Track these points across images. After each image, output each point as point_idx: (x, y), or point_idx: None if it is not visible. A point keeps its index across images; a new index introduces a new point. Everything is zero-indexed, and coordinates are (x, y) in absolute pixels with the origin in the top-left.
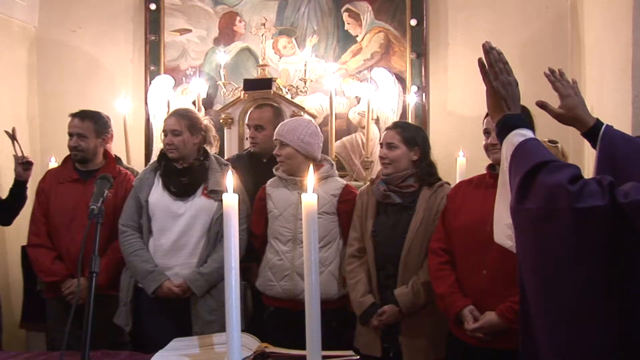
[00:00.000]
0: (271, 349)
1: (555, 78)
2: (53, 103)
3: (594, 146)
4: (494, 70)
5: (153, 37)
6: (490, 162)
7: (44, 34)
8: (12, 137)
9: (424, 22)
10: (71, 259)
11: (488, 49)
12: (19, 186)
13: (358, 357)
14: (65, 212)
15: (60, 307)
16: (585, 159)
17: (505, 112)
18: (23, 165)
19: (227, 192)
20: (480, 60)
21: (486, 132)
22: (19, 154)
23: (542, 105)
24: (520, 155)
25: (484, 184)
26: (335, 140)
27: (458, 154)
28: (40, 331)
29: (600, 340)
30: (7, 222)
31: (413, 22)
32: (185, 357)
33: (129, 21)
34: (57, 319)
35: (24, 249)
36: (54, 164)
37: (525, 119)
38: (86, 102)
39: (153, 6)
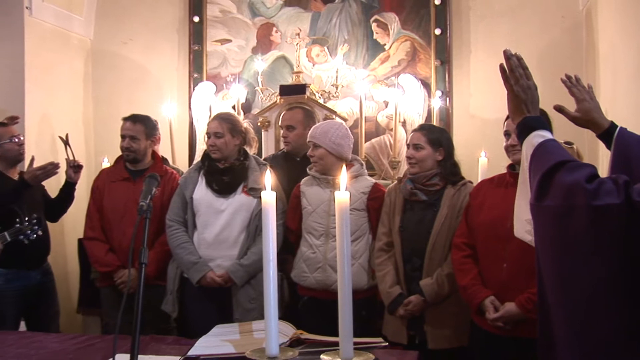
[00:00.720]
0: (306, 335)
1: (572, 83)
2: (106, 108)
3: (608, 147)
4: (515, 75)
5: (196, 47)
6: (510, 162)
7: (98, 45)
8: (65, 142)
9: (448, 32)
10: (122, 251)
11: (509, 55)
12: (69, 187)
13: (386, 343)
14: (117, 208)
15: (112, 294)
16: (600, 159)
17: (525, 114)
18: (73, 168)
19: (265, 190)
20: (501, 66)
21: (506, 134)
22: (71, 158)
23: (559, 109)
24: (539, 155)
25: (504, 183)
26: (365, 142)
27: (480, 154)
28: (95, 316)
29: (615, 331)
30: (54, 219)
31: (437, 32)
32: (226, 342)
33: (174, 33)
34: (110, 305)
35: (80, 241)
36: (106, 164)
37: (544, 121)
38: (136, 107)
39: (196, 19)
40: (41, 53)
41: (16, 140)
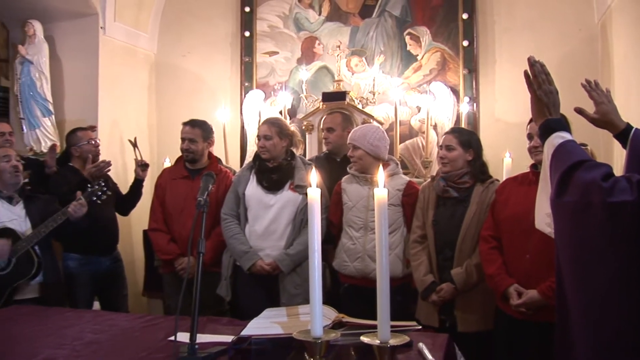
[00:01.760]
0: (347, 319)
1: (591, 88)
2: (167, 114)
3: (624, 147)
4: (538, 80)
5: (247, 59)
6: (532, 162)
7: (161, 59)
8: (134, 144)
9: (474, 43)
10: (182, 241)
11: (532, 62)
12: (137, 183)
13: (420, 327)
14: (177, 203)
15: (173, 280)
16: (615, 159)
17: (547, 117)
18: (141, 167)
19: (311, 187)
20: (525, 72)
21: (529, 136)
22: (139, 158)
23: (579, 111)
24: (560, 154)
25: (527, 181)
26: (399, 143)
27: (504, 155)
28: (157, 299)
29: (628, 320)
30: (126, 213)
31: (465, 43)
32: (275, 324)
33: (227, 46)
34: (171, 289)
35: (145, 232)
36: (168, 163)
37: (564, 123)
38: (194, 113)
39: (247, 33)
40: (112, 66)
41: (93, 142)
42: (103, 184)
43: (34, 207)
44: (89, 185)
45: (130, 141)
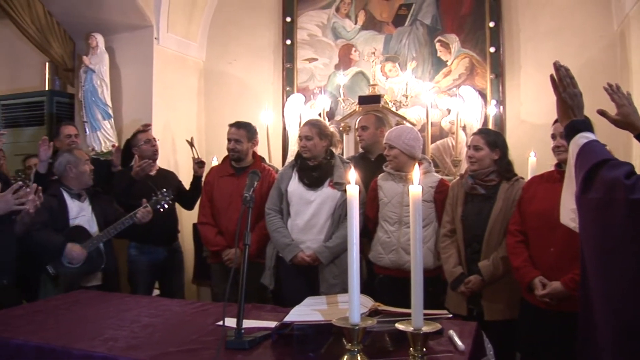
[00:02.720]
0: (382, 307)
1: (613, 91)
2: (215, 116)
3: None
4: (563, 84)
5: (288, 65)
6: (556, 161)
7: (209, 66)
8: (191, 144)
9: (501, 50)
10: (229, 234)
11: (558, 67)
12: (196, 180)
13: (451, 315)
14: (224, 198)
15: (220, 269)
16: (633, 159)
17: (572, 118)
18: (198, 164)
19: (350, 184)
20: (551, 76)
21: (553, 137)
22: (196, 157)
23: (602, 112)
24: (584, 153)
25: (552, 179)
26: (431, 143)
27: (529, 154)
28: (206, 287)
29: None
30: (190, 207)
31: (492, 50)
32: (316, 311)
33: (270, 54)
34: (218, 278)
35: (194, 226)
36: (215, 162)
37: (588, 124)
38: (239, 116)
39: (288, 42)
40: (165, 73)
41: (150, 142)
42: (166, 193)
43: (98, 205)
44: (153, 193)
45: (187, 141)
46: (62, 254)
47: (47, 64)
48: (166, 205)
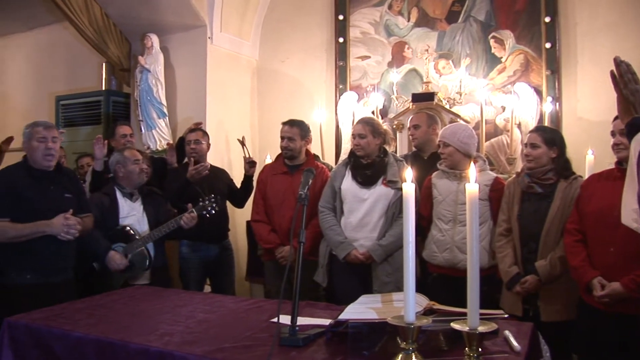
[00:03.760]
0: (437, 306)
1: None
2: (268, 115)
3: None
4: (624, 80)
5: (341, 63)
6: (616, 159)
7: (262, 64)
8: (242, 143)
9: (557, 45)
10: (282, 232)
11: (618, 62)
12: (247, 179)
13: (507, 315)
14: (277, 196)
15: (273, 267)
16: None
17: (633, 115)
18: (249, 164)
19: (405, 182)
20: (612, 72)
21: (613, 134)
22: (247, 156)
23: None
24: None
25: (612, 177)
26: (485, 141)
27: (587, 152)
28: (259, 284)
29: None
30: (241, 205)
31: (547, 45)
32: (370, 309)
33: (323, 52)
34: (271, 275)
35: (248, 223)
36: (269, 160)
37: None
38: (292, 114)
39: (341, 39)
40: (218, 72)
41: (192, 145)
42: (213, 199)
43: (150, 204)
44: (200, 199)
45: (239, 140)
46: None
47: (104, 64)
48: (213, 212)
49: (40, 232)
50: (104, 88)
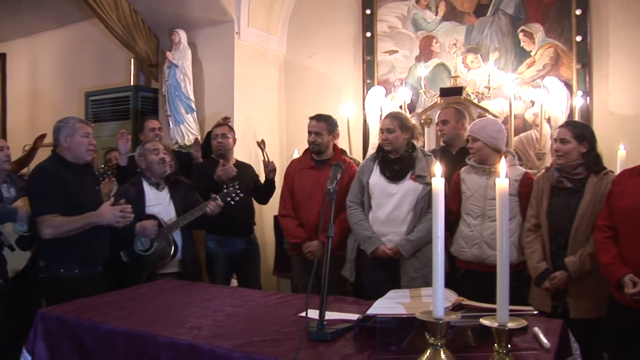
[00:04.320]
0: (466, 301)
1: None
2: (295, 109)
3: None
4: None
5: (369, 58)
6: None
7: (289, 59)
8: (261, 146)
9: (588, 38)
10: (309, 226)
11: None
12: (269, 182)
13: (536, 311)
14: (305, 191)
15: (301, 262)
16: None
17: None
18: (268, 168)
19: (434, 177)
20: None
21: None
22: (266, 160)
23: None
24: None
25: None
26: (514, 136)
27: (618, 147)
28: (286, 278)
29: None
30: (264, 202)
31: (578, 38)
32: (399, 304)
33: (350, 47)
34: (298, 270)
35: (275, 218)
36: (296, 154)
37: None
38: (319, 108)
39: (369, 34)
40: (246, 67)
41: (219, 139)
42: (237, 187)
43: (177, 193)
44: (224, 186)
45: (258, 143)
46: (133, 235)
47: (132, 60)
48: (237, 198)
49: (92, 224)
50: (132, 84)
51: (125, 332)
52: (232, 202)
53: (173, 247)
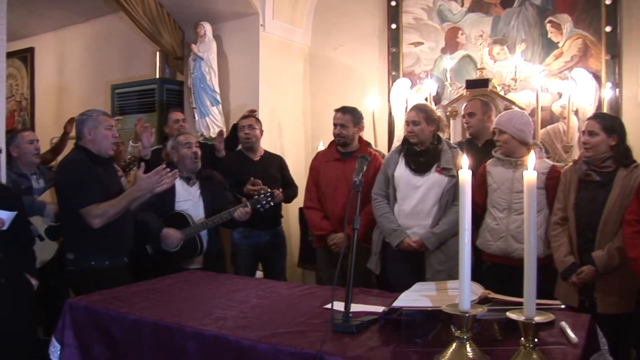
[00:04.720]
0: (492, 295)
1: None
2: (320, 102)
3: None
4: None
5: (394, 50)
6: None
7: (314, 51)
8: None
9: (618, 28)
10: (334, 218)
11: None
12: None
13: (564, 306)
14: (330, 183)
15: (325, 254)
16: None
17: None
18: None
19: (461, 169)
20: None
21: None
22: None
23: None
24: None
25: None
26: (541, 128)
27: None
28: (311, 270)
29: None
30: (287, 201)
31: (608, 29)
32: (425, 297)
33: (375, 38)
34: (323, 262)
35: (300, 210)
36: (321, 147)
37: None
38: (344, 101)
39: (394, 26)
40: (271, 59)
41: (246, 130)
42: (269, 194)
43: (208, 189)
44: (256, 193)
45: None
46: (159, 238)
47: (157, 53)
48: (267, 206)
49: (135, 198)
50: (158, 76)
51: (152, 323)
52: (262, 210)
53: (199, 246)
